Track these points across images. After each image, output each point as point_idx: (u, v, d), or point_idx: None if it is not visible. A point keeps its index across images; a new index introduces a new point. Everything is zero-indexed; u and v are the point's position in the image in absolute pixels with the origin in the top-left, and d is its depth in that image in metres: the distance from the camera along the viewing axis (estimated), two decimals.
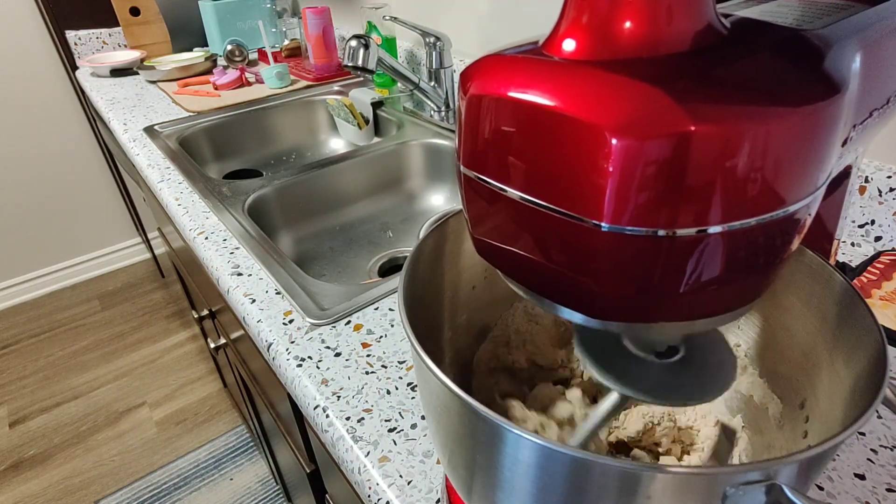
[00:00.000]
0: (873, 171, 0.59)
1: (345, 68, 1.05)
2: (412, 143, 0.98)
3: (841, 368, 0.27)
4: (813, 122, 0.19)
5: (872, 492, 0.37)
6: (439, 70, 1.01)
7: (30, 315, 2.02)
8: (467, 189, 0.24)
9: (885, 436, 0.40)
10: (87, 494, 1.40)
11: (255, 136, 1.18)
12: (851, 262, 0.59)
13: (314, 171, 0.89)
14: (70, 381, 1.73)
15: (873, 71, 0.26)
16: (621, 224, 0.19)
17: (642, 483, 0.20)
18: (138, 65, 1.40)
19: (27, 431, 1.58)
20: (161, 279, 2.19)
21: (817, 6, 0.27)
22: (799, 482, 0.21)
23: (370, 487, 0.39)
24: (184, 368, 1.76)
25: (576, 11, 0.20)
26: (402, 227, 0.94)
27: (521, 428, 0.20)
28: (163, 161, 0.93)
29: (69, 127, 1.95)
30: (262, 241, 0.68)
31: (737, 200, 0.18)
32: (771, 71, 0.19)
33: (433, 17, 1.13)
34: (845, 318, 0.27)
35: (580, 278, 0.21)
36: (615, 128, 0.17)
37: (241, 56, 1.42)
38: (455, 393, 0.22)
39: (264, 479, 1.41)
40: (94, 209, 2.11)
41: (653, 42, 0.19)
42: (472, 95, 0.22)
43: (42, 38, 1.80)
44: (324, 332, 0.53)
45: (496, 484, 0.24)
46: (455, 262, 0.37)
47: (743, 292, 0.22)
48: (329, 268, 0.84)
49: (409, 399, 0.45)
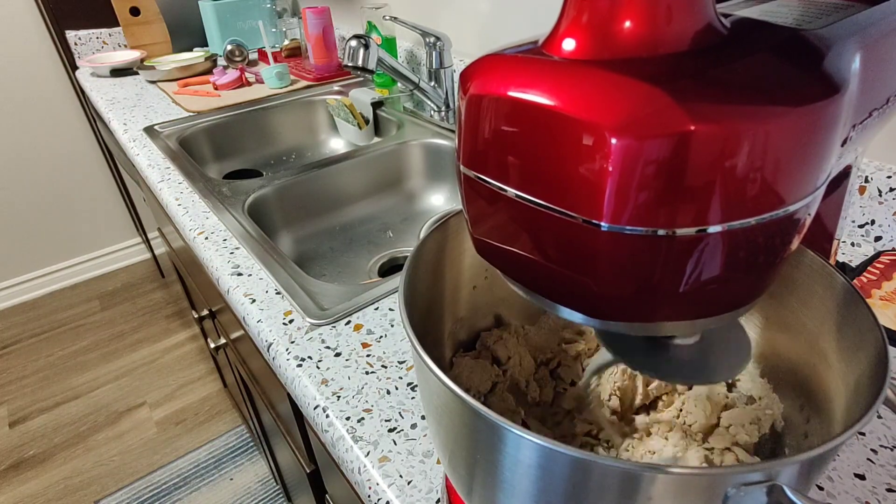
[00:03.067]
0: (873, 171, 0.59)
1: (345, 68, 1.05)
2: (412, 143, 0.98)
3: (841, 368, 0.27)
4: (812, 122, 0.19)
5: (872, 492, 0.37)
6: (439, 70, 1.01)
7: (30, 315, 2.02)
8: (467, 189, 0.24)
9: (885, 436, 0.40)
10: (87, 494, 1.40)
11: (255, 136, 1.18)
12: (851, 262, 0.59)
13: (314, 171, 0.88)
14: (70, 381, 1.73)
15: (873, 71, 0.25)
16: (621, 223, 0.19)
17: (643, 483, 0.20)
18: (138, 65, 1.40)
19: (27, 431, 1.58)
20: (161, 279, 2.19)
21: (817, 6, 0.27)
22: (800, 483, 0.21)
23: (370, 487, 0.39)
24: (184, 368, 1.76)
25: (576, 11, 0.20)
26: (402, 227, 0.94)
27: (522, 428, 0.20)
28: (163, 161, 0.93)
29: (69, 127, 1.95)
30: (262, 241, 0.68)
31: (736, 200, 0.18)
32: (771, 71, 0.19)
33: (433, 17, 1.13)
34: (846, 318, 0.27)
35: (580, 278, 0.21)
36: (615, 127, 0.17)
37: (241, 56, 1.42)
38: (455, 393, 0.22)
39: (264, 479, 1.41)
40: (94, 209, 2.11)
41: (652, 42, 0.19)
42: (471, 95, 0.22)
43: (42, 38, 1.80)
44: (324, 332, 0.53)
45: (496, 484, 0.24)
46: (455, 262, 0.37)
47: (743, 292, 0.22)
48: (329, 268, 0.84)
49: (409, 399, 0.45)
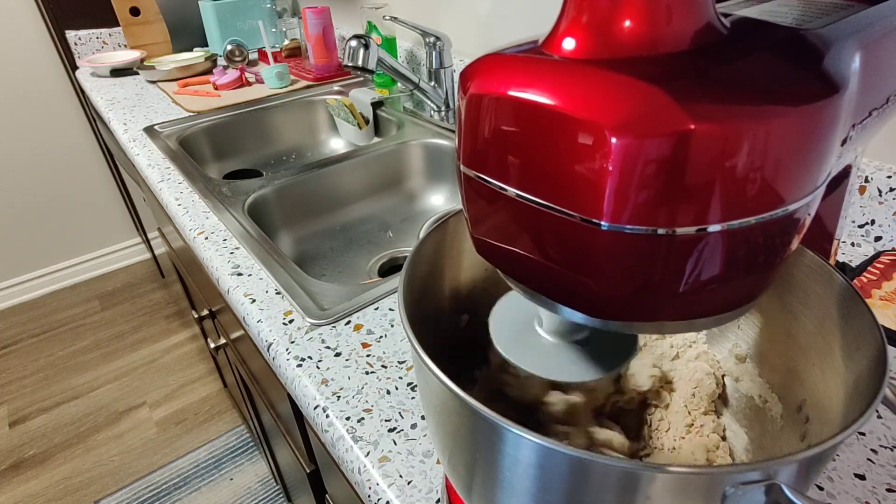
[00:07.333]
0: (873, 171, 0.59)
1: (345, 68, 1.05)
2: (412, 143, 0.98)
3: (841, 368, 0.27)
4: (812, 122, 0.19)
5: (872, 492, 0.37)
6: (439, 70, 1.01)
7: (30, 315, 2.02)
8: (467, 188, 0.24)
9: (885, 436, 0.40)
10: (87, 494, 1.40)
11: (255, 136, 1.18)
12: (851, 262, 0.59)
13: (314, 171, 0.89)
14: (70, 381, 1.73)
15: (873, 70, 0.26)
16: (621, 223, 0.19)
17: (642, 483, 0.20)
18: (138, 65, 1.40)
19: (27, 431, 1.58)
20: (161, 279, 2.19)
21: (817, 6, 0.27)
22: (799, 482, 0.21)
23: (370, 487, 0.39)
24: (184, 368, 1.76)
25: (575, 10, 0.20)
26: (402, 227, 0.94)
27: (521, 428, 0.20)
28: (163, 161, 0.93)
29: (69, 127, 1.95)
30: (262, 241, 0.68)
31: (736, 199, 0.18)
32: (770, 70, 0.19)
33: (433, 17, 1.13)
34: (845, 318, 0.27)
35: (580, 277, 0.21)
36: (615, 126, 0.17)
37: (241, 56, 1.42)
38: (455, 393, 0.22)
39: (264, 479, 1.41)
40: (94, 209, 2.11)
41: (652, 41, 0.19)
42: (471, 95, 0.22)
43: (42, 38, 1.80)
44: (324, 332, 0.53)
45: (496, 484, 0.24)
46: (455, 262, 0.37)
47: (743, 292, 0.22)
48: (329, 268, 0.84)
49: (409, 399, 0.45)
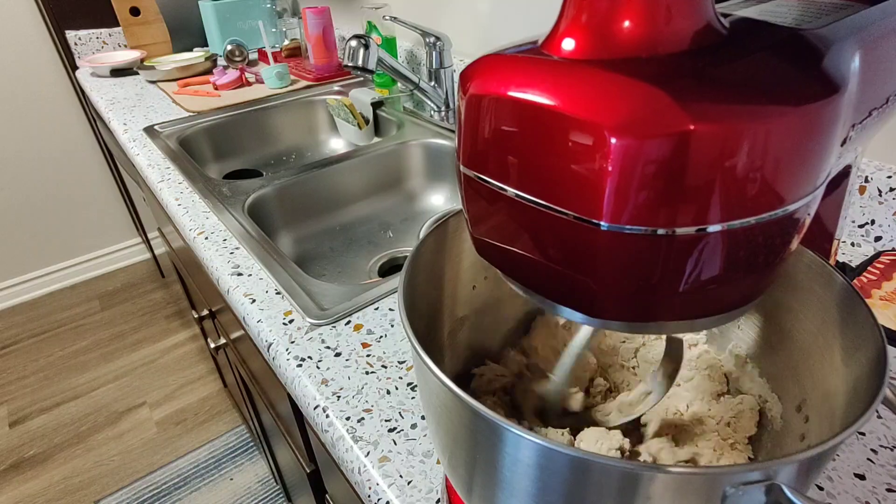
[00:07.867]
0: (873, 171, 0.59)
1: (345, 68, 1.05)
2: (412, 143, 0.98)
3: (841, 368, 0.27)
4: (812, 122, 0.19)
5: (872, 492, 0.37)
6: (439, 70, 1.01)
7: (30, 315, 2.02)
8: (467, 188, 0.24)
9: (885, 436, 0.40)
10: (87, 494, 1.40)
11: (255, 136, 1.17)
12: (851, 262, 0.59)
13: (314, 171, 0.88)
14: (70, 381, 1.73)
15: (872, 70, 0.26)
16: (621, 223, 0.19)
17: (642, 483, 0.20)
18: (138, 65, 1.40)
19: (27, 431, 1.58)
20: (161, 279, 2.19)
21: (817, 6, 0.27)
22: (799, 482, 0.21)
23: (370, 487, 0.39)
24: (184, 368, 1.76)
25: (575, 11, 0.20)
26: (402, 227, 0.94)
27: (521, 428, 0.20)
28: (163, 161, 0.93)
29: (69, 127, 1.95)
30: (262, 241, 0.68)
31: (736, 199, 0.18)
32: (770, 70, 0.19)
33: (433, 17, 1.13)
34: (845, 318, 0.27)
35: (580, 277, 0.21)
36: (615, 127, 0.17)
37: (241, 56, 1.42)
38: (455, 393, 0.22)
39: (264, 479, 1.41)
40: (94, 209, 2.11)
41: (652, 41, 0.19)
42: (471, 95, 0.22)
43: (42, 38, 1.80)
44: (324, 332, 0.53)
45: (496, 484, 0.24)
46: (455, 262, 0.37)
47: (742, 292, 0.22)
48: (329, 268, 0.84)
49: (409, 399, 0.45)
